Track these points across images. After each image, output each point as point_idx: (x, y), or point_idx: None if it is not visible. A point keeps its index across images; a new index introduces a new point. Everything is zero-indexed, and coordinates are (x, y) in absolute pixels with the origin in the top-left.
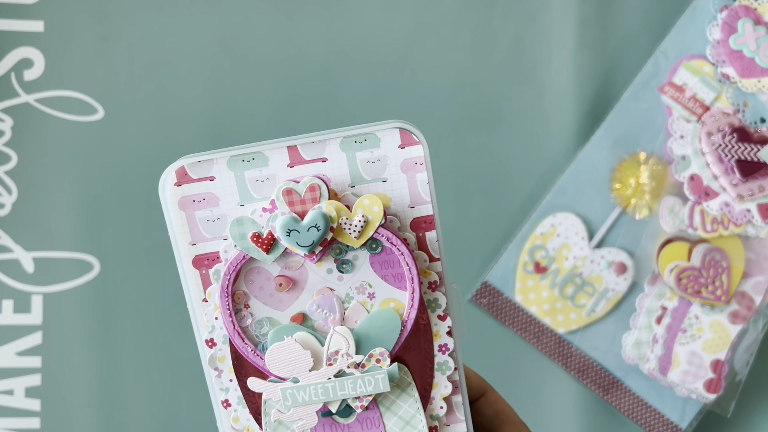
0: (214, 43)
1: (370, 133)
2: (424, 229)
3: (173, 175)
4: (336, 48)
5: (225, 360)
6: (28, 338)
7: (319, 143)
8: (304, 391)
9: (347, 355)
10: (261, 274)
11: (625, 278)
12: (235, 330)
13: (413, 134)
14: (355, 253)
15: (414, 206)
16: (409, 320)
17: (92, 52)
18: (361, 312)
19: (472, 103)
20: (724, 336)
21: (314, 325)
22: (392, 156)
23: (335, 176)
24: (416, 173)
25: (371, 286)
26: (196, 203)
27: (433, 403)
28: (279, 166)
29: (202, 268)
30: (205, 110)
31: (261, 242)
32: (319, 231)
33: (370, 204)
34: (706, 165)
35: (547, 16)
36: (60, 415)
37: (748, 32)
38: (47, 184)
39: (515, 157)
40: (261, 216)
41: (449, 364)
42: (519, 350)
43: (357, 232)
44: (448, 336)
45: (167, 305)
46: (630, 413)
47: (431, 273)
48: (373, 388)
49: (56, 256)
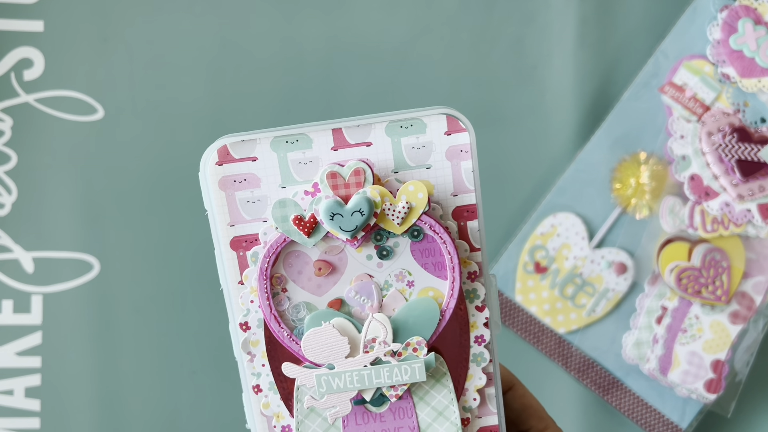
0: (214, 43)
1: (417, 118)
2: (466, 218)
3: (215, 154)
4: (336, 47)
5: (258, 344)
6: (28, 338)
7: (365, 127)
8: (340, 378)
9: (384, 342)
10: (300, 258)
11: (626, 278)
12: (272, 314)
13: (460, 121)
14: (396, 240)
15: (457, 194)
16: (448, 310)
17: (92, 52)
18: (400, 300)
19: (472, 103)
20: (724, 336)
21: (352, 311)
22: (438, 142)
23: (379, 161)
24: (461, 161)
25: (411, 274)
26: (237, 183)
27: (467, 395)
28: (323, 149)
29: (240, 250)
30: (205, 110)
31: (303, 225)
32: (363, 216)
33: (414, 190)
34: (706, 165)
35: (547, 16)
36: (60, 415)
37: (749, 32)
38: (47, 184)
39: (515, 156)
40: (303, 199)
41: (485, 355)
42: (519, 350)
43: (400, 218)
44: (485, 327)
45: (167, 305)
46: (630, 413)
47: (471, 263)
48: (410, 377)
49: (56, 256)
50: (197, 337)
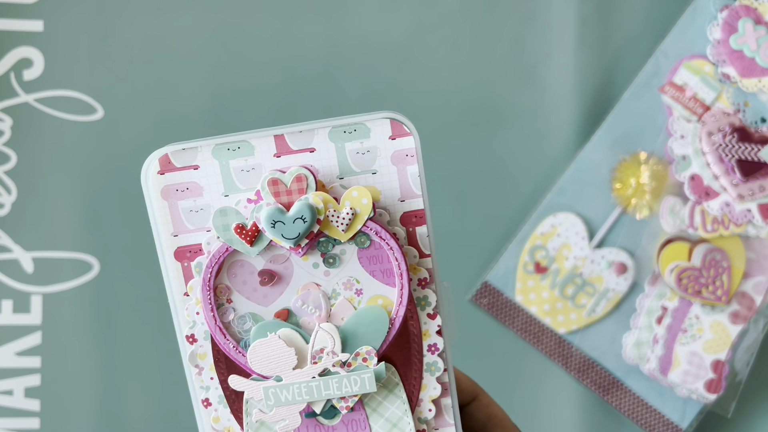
0: (213, 42)
1: (360, 123)
2: (414, 224)
3: (156, 162)
4: (336, 48)
5: (206, 357)
6: (28, 338)
7: (307, 133)
8: (288, 390)
9: (333, 353)
10: (245, 268)
11: (626, 278)
12: (216, 325)
13: (404, 125)
14: (343, 248)
15: (404, 200)
16: (397, 318)
17: (92, 52)
18: (348, 308)
19: (472, 103)
20: (724, 336)
21: (299, 321)
22: (382, 147)
23: (323, 167)
24: (407, 165)
25: (359, 282)
26: (180, 192)
27: (422, 406)
28: (265, 156)
29: (184, 260)
30: (204, 110)
31: (245, 234)
32: (305, 223)
33: (358, 196)
34: (706, 165)
35: (547, 15)
36: (59, 415)
37: (749, 32)
38: (47, 184)
39: (515, 157)
40: (246, 207)
41: (438, 364)
42: (519, 350)
43: (345, 224)
44: (438, 335)
45: (167, 305)
46: (630, 413)
47: (421, 269)
48: (359, 388)
49: (56, 256)
50: None
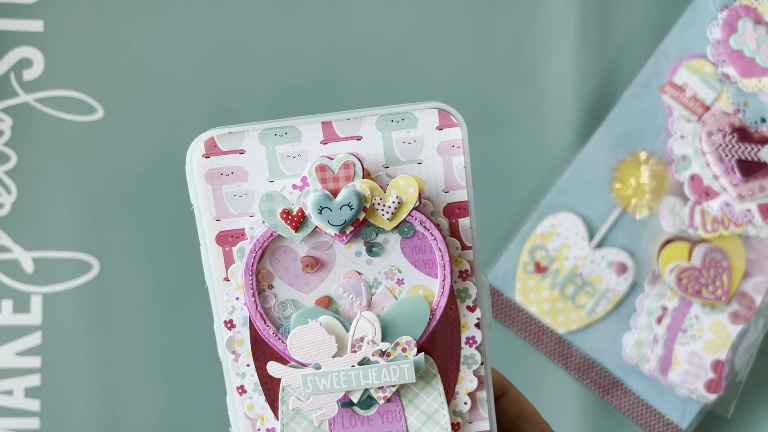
0: (213, 42)
1: (408, 112)
2: (457, 216)
3: (202, 146)
4: (336, 48)
5: (243, 343)
6: (28, 338)
7: (355, 120)
8: (326, 378)
9: (372, 342)
10: (287, 254)
11: (626, 278)
12: (257, 311)
13: (452, 116)
14: (386, 236)
15: (448, 191)
16: (438, 309)
17: (92, 52)
18: (389, 298)
19: (472, 103)
20: (724, 336)
21: (339, 309)
22: (429, 137)
23: (369, 155)
24: (453, 156)
25: (401, 272)
26: (224, 177)
27: (457, 398)
28: (312, 143)
29: (226, 245)
30: (204, 110)
31: (291, 219)
32: (351, 210)
33: (405, 185)
34: (706, 165)
35: (547, 16)
36: (59, 415)
37: (749, 32)
38: (47, 184)
39: (515, 157)
40: (291, 193)
41: (476, 357)
42: (519, 350)
43: (390, 213)
44: (476, 328)
45: (167, 305)
46: (630, 413)
47: (462, 261)
48: (398, 378)
49: (56, 256)
50: (197, 337)
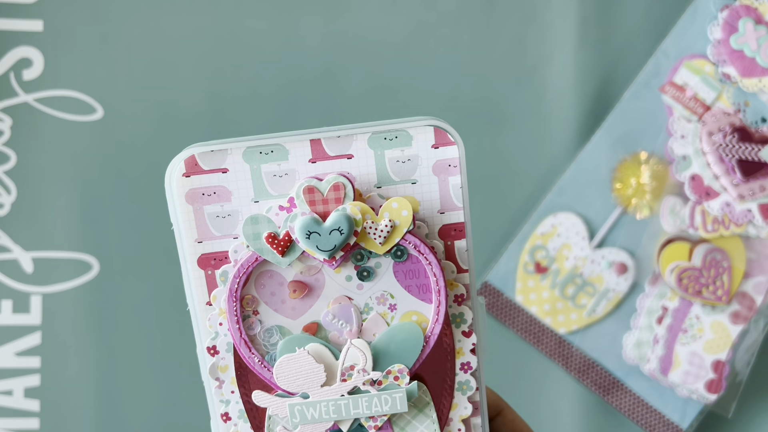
0: (213, 42)
1: (402, 129)
2: (453, 238)
3: (182, 164)
4: (336, 48)
5: (227, 370)
6: (28, 338)
7: (346, 138)
8: (315, 408)
9: (363, 370)
10: (273, 278)
11: (626, 278)
12: (242, 338)
13: (449, 134)
14: (378, 260)
15: (444, 212)
16: (432, 335)
17: (91, 52)
18: (381, 324)
19: (472, 103)
20: (725, 336)
21: (329, 336)
22: (424, 156)
23: (361, 175)
24: (449, 176)
25: (393, 297)
26: (206, 197)
27: (451, 425)
28: (300, 161)
29: (208, 268)
30: (204, 110)
31: (277, 244)
32: (342, 234)
33: (398, 208)
34: (707, 165)
35: (547, 15)
36: (59, 415)
37: (749, 32)
38: (46, 184)
39: (515, 157)
40: (277, 215)
41: (471, 384)
42: (519, 351)
43: (382, 237)
44: (472, 354)
45: (167, 305)
46: (631, 414)
47: (458, 285)
48: (390, 407)
49: (55, 256)
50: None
